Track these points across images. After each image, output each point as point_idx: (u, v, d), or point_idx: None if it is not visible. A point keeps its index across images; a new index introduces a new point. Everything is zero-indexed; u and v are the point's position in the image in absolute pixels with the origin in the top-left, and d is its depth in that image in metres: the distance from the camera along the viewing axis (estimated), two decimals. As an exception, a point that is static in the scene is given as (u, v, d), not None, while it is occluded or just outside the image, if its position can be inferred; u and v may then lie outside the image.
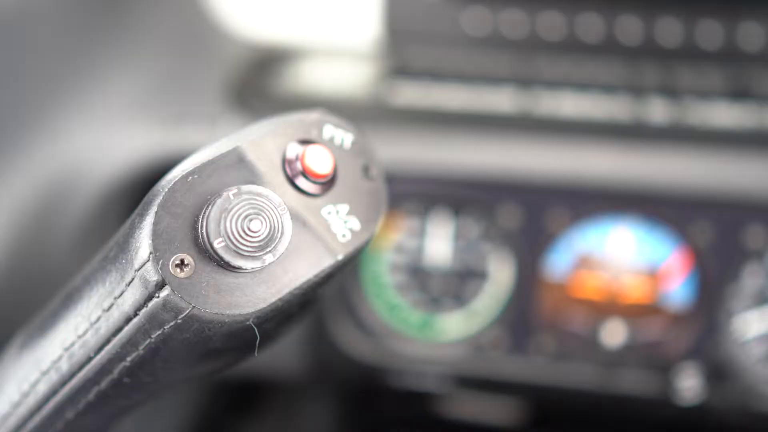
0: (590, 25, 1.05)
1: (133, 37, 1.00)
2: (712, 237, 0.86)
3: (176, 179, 0.37)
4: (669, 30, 1.03)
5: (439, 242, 0.94)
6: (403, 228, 0.95)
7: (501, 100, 0.95)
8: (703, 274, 0.87)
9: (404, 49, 1.09)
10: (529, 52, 1.06)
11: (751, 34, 1.01)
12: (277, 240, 0.37)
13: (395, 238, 0.95)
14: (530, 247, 0.90)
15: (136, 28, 1.01)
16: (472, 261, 0.95)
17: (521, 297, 0.92)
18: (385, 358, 0.96)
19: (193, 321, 0.36)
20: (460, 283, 0.95)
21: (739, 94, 0.94)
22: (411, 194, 0.91)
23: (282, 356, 0.99)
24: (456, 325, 0.97)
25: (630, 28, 1.04)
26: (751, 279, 0.89)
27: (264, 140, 0.40)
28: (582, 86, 0.99)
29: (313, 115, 0.42)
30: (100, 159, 0.91)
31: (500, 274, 0.94)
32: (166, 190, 0.36)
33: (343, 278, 0.94)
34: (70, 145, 0.90)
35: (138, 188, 0.91)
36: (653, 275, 0.91)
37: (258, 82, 1.02)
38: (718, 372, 0.90)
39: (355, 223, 0.41)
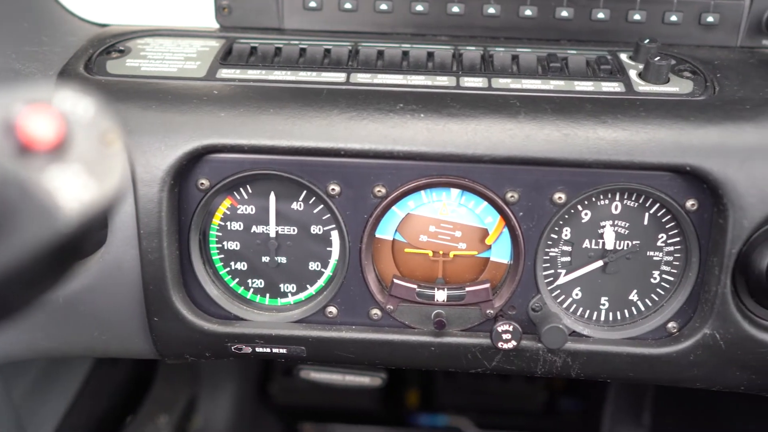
0: (416, 3, 1.10)
1: None
2: (524, 195, 0.92)
3: None
4: (490, 8, 1.09)
5: (270, 215, 0.97)
6: (235, 203, 0.97)
7: (325, 78, 0.98)
8: (518, 230, 0.93)
9: (236, 31, 1.11)
10: (356, 31, 1.11)
11: (562, 13, 1.08)
12: None
13: (228, 213, 0.97)
14: (357, 216, 0.94)
15: None
16: (302, 233, 0.98)
17: (353, 265, 0.96)
18: (228, 330, 0.98)
19: None
20: (293, 254, 0.99)
21: (549, 67, 1.01)
22: (239, 169, 0.93)
23: (127, 332, 0.99)
24: (293, 294, 1.01)
25: (454, 7, 1.09)
26: (560, 232, 0.96)
27: None
28: (403, 62, 1.03)
29: (46, 86, 0.44)
30: None
31: (331, 244, 0.98)
32: None
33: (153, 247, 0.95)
34: None
35: None
36: (474, 234, 0.97)
37: (96, 64, 1.01)
38: (534, 317, 0.97)
39: (87, 189, 0.43)
